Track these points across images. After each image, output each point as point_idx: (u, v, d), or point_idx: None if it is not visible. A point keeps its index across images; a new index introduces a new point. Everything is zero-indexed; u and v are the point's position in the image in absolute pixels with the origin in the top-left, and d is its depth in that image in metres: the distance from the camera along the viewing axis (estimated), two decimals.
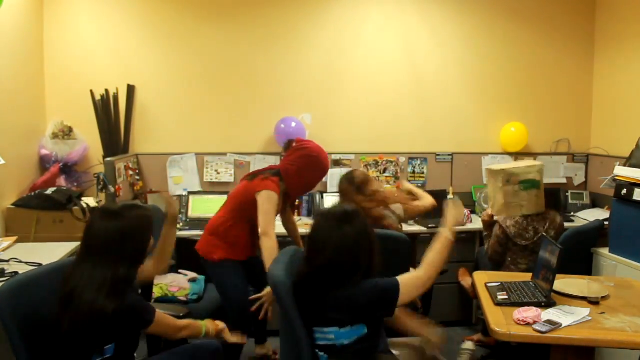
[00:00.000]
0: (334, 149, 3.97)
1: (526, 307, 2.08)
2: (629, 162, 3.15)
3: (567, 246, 2.62)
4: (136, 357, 1.90)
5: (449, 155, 4.21)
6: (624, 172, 3.06)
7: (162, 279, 2.79)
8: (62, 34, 3.78)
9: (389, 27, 4.11)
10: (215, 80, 3.98)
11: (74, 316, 1.59)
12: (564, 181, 4.33)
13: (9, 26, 3.29)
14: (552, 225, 2.99)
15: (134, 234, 1.70)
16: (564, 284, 2.37)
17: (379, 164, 4.10)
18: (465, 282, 3.31)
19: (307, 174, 2.68)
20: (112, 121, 3.78)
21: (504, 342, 2.11)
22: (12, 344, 1.64)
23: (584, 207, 4.13)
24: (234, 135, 4.02)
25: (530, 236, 2.95)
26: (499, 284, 2.42)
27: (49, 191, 3.19)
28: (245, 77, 4.00)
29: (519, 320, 2.00)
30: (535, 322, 1.98)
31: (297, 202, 3.79)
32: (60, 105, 3.77)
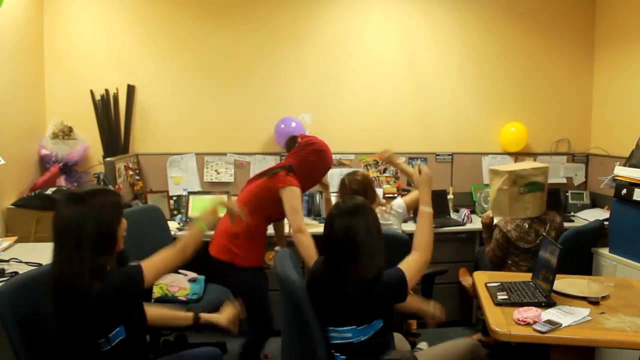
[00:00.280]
0: (334, 149, 3.89)
1: (526, 307, 2.08)
2: (629, 162, 3.15)
3: (567, 246, 2.62)
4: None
5: (449, 155, 4.21)
6: (624, 172, 3.05)
7: (162, 279, 2.78)
8: (62, 34, 3.78)
9: (389, 27, 4.11)
10: (215, 80, 3.98)
11: (63, 307, 1.59)
12: (564, 181, 4.33)
13: (9, 26, 3.29)
14: (552, 226, 2.98)
15: (99, 219, 1.64)
16: (564, 284, 2.37)
17: (379, 164, 4.10)
18: (465, 281, 3.31)
19: (317, 168, 2.71)
20: (112, 121, 3.78)
21: (504, 342, 2.11)
22: (12, 344, 1.64)
23: (584, 207, 4.13)
24: (234, 135, 4.02)
25: (532, 239, 2.94)
26: (499, 284, 2.42)
27: (49, 191, 3.19)
28: (245, 77, 4.01)
29: (519, 320, 2.01)
30: (535, 322, 1.98)
31: None
32: (60, 105, 3.78)
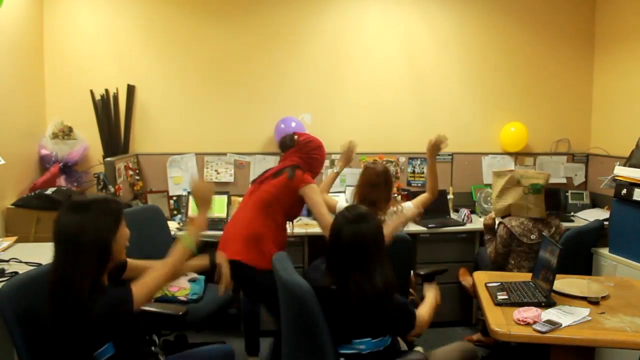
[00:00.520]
0: (334, 149, 3.93)
1: (526, 307, 2.08)
2: (629, 162, 3.15)
3: (567, 246, 2.62)
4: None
5: (449, 155, 4.21)
6: (624, 172, 3.06)
7: None
8: (62, 34, 3.78)
9: (389, 27, 4.11)
10: (215, 80, 3.98)
11: (58, 312, 1.58)
12: (564, 181, 4.33)
13: (9, 26, 3.29)
14: (557, 230, 3.00)
15: (96, 229, 1.61)
16: (564, 284, 2.37)
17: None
18: (466, 281, 3.31)
19: (319, 163, 2.80)
20: (112, 121, 3.78)
21: (504, 342, 2.11)
22: (15, 343, 1.64)
23: (584, 207, 4.13)
24: (234, 135, 4.02)
25: (535, 237, 2.94)
26: (499, 284, 2.42)
27: (49, 191, 3.19)
28: (245, 77, 4.01)
29: (519, 320, 2.01)
30: (535, 322, 1.98)
31: None
32: (60, 105, 3.77)
